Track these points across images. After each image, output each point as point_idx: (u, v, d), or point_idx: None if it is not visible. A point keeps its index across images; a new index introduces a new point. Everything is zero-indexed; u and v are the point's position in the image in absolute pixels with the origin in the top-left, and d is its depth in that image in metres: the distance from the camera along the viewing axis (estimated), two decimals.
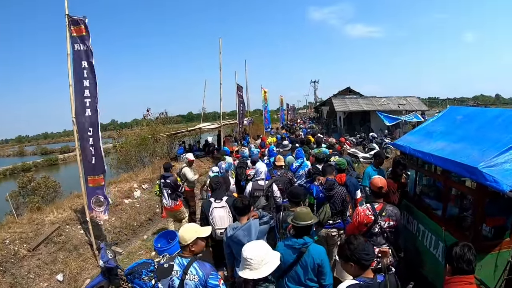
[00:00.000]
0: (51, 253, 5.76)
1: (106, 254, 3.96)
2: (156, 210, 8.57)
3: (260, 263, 2.09)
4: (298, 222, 2.65)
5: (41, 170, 29.65)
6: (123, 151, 12.93)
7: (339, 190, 4.03)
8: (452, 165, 3.02)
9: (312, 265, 2.54)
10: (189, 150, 15.16)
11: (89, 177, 5.76)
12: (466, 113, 4.11)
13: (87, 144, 5.58)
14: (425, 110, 21.92)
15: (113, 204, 8.00)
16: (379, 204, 3.20)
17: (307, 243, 2.59)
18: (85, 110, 5.51)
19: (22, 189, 9.53)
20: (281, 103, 32.41)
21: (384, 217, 3.13)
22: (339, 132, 22.39)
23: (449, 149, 3.30)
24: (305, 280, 2.57)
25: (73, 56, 5.55)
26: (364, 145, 14.45)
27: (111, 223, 7.39)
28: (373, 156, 4.99)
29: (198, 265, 2.34)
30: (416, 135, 4.36)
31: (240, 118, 14.05)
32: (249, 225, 2.97)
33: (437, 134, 3.94)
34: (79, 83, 5.51)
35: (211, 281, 2.30)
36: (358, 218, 3.18)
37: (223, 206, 3.83)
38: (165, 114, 15.97)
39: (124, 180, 10.18)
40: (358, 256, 1.92)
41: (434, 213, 3.70)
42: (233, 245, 3.04)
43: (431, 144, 3.67)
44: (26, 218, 6.50)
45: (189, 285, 2.28)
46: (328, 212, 3.90)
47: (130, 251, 6.42)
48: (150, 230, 7.66)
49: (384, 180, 3.38)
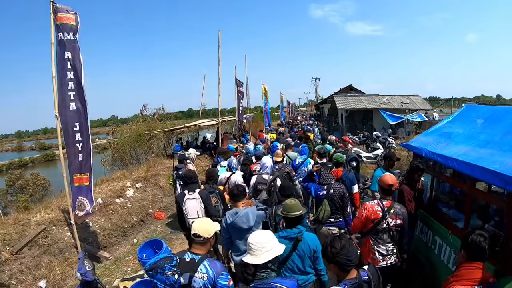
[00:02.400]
0: (35, 257, 5.40)
1: (84, 266, 3.52)
2: (149, 211, 8.17)
3: (260, 249, 2.11)
4: (289, 213, 2.77)
5: (38, 166, 29.42)
6: (117, 147, 12.50)
7: (336, 187, 3.98)
8: (481, 173, 2.59)
9: (308, 252, 2.66)
10: (187, 147, 14.76)
11: (75, 175, 5.34)
12: (487, 114, 3.73)
13: (73, 140, 5.16)
14: (429, 109, 21.51)
15: (104, 203, 7.61)
16: (388, 201, 3.18)
17: (301, 231, 2.72)
18: (69, 104, 5.07)
19: (10, 187, 9.10)
20: (281, 101, 31.96)
21: (392, 215, 3.10)
22: (341, 131, 21.98)
23: (475, 155, 2.88)
24: (304, 267, 2.69)
25: (57, 46, 5.12)
26: (368, 144, 14.00)
27: (100, 224, 6.98)
28: (383, 158, 4.56)
29: (208, 264, 2.30)
30: (431, 136, 3.94)
31: (239, 115, 13.59)
32: (247, 212, 3.20)
33: (457, 136, 3.52)
34: (63, 74, 5.08)
35: (221, 281, 2.27)
36: (366, 213, 3.14)
37: (195, 197, 4.05)
38: (162, 110, 15.43)
39: (117, 178, 9.76)
40: (339, 260, 1.89)
41: (454, 224, 3.27)
42: (233, 231, 3.25)
43: (452, 148, 3.25)
44: (12, 218, 6.12)
45: (197, 283, 2.23)
46: (327, 210, 3.83)
47: (118, 256, 6.01)
48: (141, 233, 7.25)
49: (395, 178, 3.33)
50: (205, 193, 4.18)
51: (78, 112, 5.10)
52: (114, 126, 14.94)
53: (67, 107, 5.09)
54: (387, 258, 3.16)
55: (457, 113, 4.39)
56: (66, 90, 5.08)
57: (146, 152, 12.78)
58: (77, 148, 5.14)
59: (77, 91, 5.09)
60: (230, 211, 3.37)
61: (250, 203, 3.54)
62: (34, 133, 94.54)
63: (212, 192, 4.45)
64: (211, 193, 4.43)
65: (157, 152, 13.40)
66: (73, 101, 5.07)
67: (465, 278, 2.12)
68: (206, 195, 4.16)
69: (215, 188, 4.67)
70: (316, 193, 4.07)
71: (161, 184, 9.50)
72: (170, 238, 6.70)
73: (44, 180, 9.59)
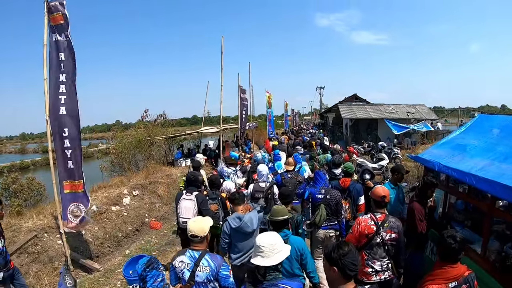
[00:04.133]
0: (24, 265, 5.19)
1: (65, 282, 3.31)
2: (145, 220, 7.88)
3: (271, 251, 2.14)
4: (275, 217, 2.88)
5: (39, 169, 29.31)
6: (116, 153, 12.26)
7: (333, 193, 4.11)
8: (504, 191, 2.29)
9: (295, 255, 2.73)
10: (188, 155, 14.52)
11: (65, 182, 5.10)
12: (503, 124, 3.47)
13: (62, 145, 4.93)
14: (435, 119, 21.12)
15: (98, 211, 7.35)
16: (382, 215, 3.06)
17: (287, 234, 2.82)
18: (60, 108, 4.86)
19: (4, 191, 8.88)
20: (285, 109, 31.75)
21: (386, 229, 2.98)
22: (345, 140, 21.64)
23: (495, 170, 2.59)
24: (293, 270, 2.75)
25: (50, 47, 4.95)
26: (373, 155, 13.62)
27: (93, 233, 6.71)
28: (391, 171, 4.24)
29: (209, 257, 2.45)
30: (444, 148, 3.64)
31: (242, 123, 13.34)
32: (250, 216, 3.35)
33: (472, 148, 3.22)
34: (55, 77, 4.89)
35: (223, 271, 2.43)
36: (359, 228, 3.02)
37: (191, 199, 4.18)
38: (164, 116, 15.19)
39: (114, 185, 9.50)
40: (344, 263, 1.80)
41: (470, 247, 2.95)
42: (235, 235, 3.35)
43: (468, 161, 2.95)
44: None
45: (200, 277, 2.40)
46: (323, 214, 3.97)
47: (109, 268, 5.71)
48: (135, 243, 6.95)
49: (387, 189, 3.25)
50: (202, 197, 4.28)
51: (68, 117, 4.88)
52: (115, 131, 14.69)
53: (57, 111, 4.88)
54: (380, 273, 2.98)
55: (470, 123, 4.13)
56: (58, 93, 4.88)
57: (146, 159, 12.51)
58: (66, 154, 4.91)
59: (68, 95, 4.88)
60: (231, 216, 3.48)
61: (249, 207, 3.82)
62: (38, 136, 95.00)
63: (214, 199, 4.55)
64: (213, 199, 4.53)
65: (157, 159, 13.14)
66: (63, 105, 4.85)
67: (439, 277, 2.15)
68: (202, 199, 4.24)
69: (217, 194, 4.69)
70: (314, 196, 4.19)
71: (159, 192, 9.22)
72: (164, 250, 6.38)
73: (40, 185, 9.35)
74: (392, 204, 4.04)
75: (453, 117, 28.57)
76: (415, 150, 14.04)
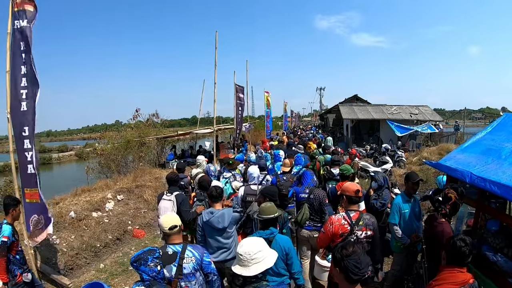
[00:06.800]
0: None
1: None
2: (128, 227, 7.23)
3: (250, 260, 1.99)
4: (263, 216, 2.81)
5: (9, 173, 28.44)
6: (104, 154, 11.58)
7: (317, 192, 4.03)
8: None
9: (280, 254, 2.61)
10: (181, 156, 13.89)
11: (26, 190, 4.50)
12: None
13: (22, 146, 4.32)
14: (439, 121, 20.46)
15: (77, 217, 6.71)
16: (356, 213, 2.96)
17: (274, 233, 2.74)
18: (21, 103, 4.25)
19: None
20: (285, 110, 31.14)
21: (362, 226, 2.89)
22: (346, 142, 20.97)
23: None
24: (278, 269, 2.65)
25: (12, 36, 4.34)
26: (376, 158, 12.94)
27: (68, 242, 6.08)
28: (404, 179, 3.59)
29: (192, 248, 2.50)
30: (472, 152, 3.00)
31: (237, 123, 12.66)
32: (223, 213, 3.32)
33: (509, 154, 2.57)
34: (16, 69, 4.29)
35: (206, 258, 2.52)
36: (332, 229, 2.91)
37: (170, 199, 4.26)
38: (156, 116, 14.46)
39: (99, 188, 8.86)
40: (346, 264, 1.65)
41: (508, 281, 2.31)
42: (207, 229, 3.32)
43: (508, 171, 2.30)
44: None
45: (187, 269, 2.41)
46: (306, 213, 3.94)
47: (79, 284, 5.05)
48: (114, 254, 6.29)
49: (358, 185, 3.11)
50: (181, 197, 4.30)
51: (28, 113, 4.27)
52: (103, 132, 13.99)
53: (18, 107, 4.26)
54: None
55: (496, 123, 3.53)
56: (19, 87, 4.27)
57: (136, 160, 11.84)
58: (26, 157, 4.29)
59: (30, 89, 4.26)
60: (206, 210, 3.44)
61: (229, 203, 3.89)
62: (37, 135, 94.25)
63: (201, 200, 4.43)
64: (201, 201, 4.42)
65: (148, 160, 12.46)
66: (24, 100, 4.24)
67: (447, 281, 2.07)
68: (182, 199, 4.25)
69: (205, 196, 4.42)
70: (298, 195, 4.20)
71: (146, 197, 8.55)
72: None
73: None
74: (406, 220, 3.41)
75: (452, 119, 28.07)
76: (420, 153, 13.40)
